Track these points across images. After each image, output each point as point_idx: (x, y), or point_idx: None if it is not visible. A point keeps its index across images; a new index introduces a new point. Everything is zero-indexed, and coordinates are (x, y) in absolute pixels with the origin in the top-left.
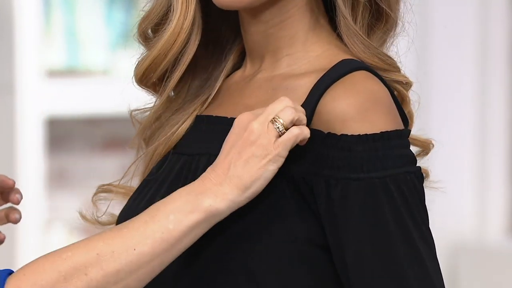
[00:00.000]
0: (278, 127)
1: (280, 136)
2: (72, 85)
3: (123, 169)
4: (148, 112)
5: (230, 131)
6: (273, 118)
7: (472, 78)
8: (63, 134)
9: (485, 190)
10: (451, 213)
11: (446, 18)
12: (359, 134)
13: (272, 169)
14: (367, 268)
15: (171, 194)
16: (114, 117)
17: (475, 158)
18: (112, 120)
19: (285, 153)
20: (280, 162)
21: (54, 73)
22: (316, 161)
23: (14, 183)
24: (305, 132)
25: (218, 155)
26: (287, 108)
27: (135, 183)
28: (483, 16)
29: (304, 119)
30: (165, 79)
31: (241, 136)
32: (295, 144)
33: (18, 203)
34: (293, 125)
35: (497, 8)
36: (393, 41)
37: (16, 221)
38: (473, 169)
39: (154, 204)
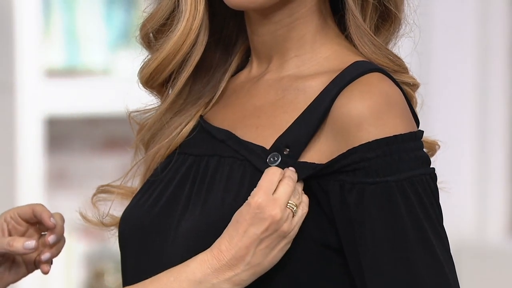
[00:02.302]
0: (293, 209)
1: (293, 214)
2: (72, 84)
3: (124, 169)
4: (147, 114)
5: (246, 208)
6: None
7: (472, 79)
8: (63, 134)
9: (485, 190)
10: (452, 213)
11: (446, 20)
12: (367, 142)
13: (287, 248)
14: (384, 271)
15: (184, 265)
16: (114, 116)
17: (475, 159)
18: (112, 120)
19: (298, 230)
20: (293, 238)
21: (53, 73)
22: (330, 166)
23: (55, 225)
24: (307, 201)
25: (227, 157)
26: (295, 192)
27: (135, 183)
28: (484, 17)
29: (301, 188)
30: (171, 80)
31: (263, 222)
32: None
33: (48, 243)
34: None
35: (498, 9)
36: (396, 42)
37: (46, 273)
38: (474, 169)
39: (167, 274)
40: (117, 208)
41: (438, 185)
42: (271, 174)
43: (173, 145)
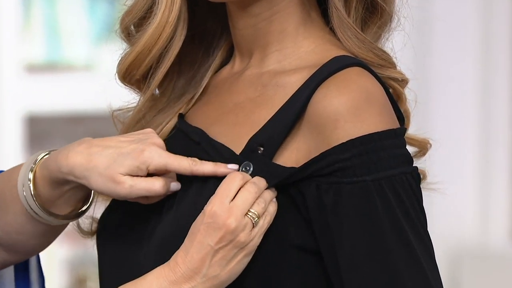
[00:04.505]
0: (253, 219)
1: (253, 225)
2: (53, 80)
3: None
4: (131, 113)
5: (201, 218)
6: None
7: (473, 74)
8: (43, 132)
9: (487, 191)
10: (452, 216)
11: (445, 11)
12: (341, 143)
13: (247, 260)
14: (362, 273)
15: (141, 279)
16: (97, 114)
17: (476, 158)
18: (95, 118)
19: (259, 241)
20: (254, 251)
21: (33, 68)
22: (303, 170)
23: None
24: (273, 212)
25: (204, 159)
26: (258, 200)
27: None
28: (484, 8)
29: (270, 196)
30: (149, 76)
31: (217, 232)
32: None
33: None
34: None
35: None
36: (388, 37)
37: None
38: (475, 169)
39: None
40: (98, 212)
41: (433, 186)
42: (230, 180)
43: None
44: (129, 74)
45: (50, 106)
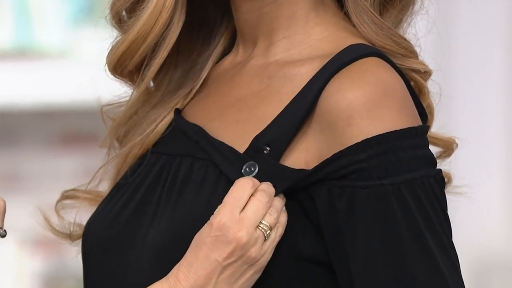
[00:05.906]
0: (265, 232)
1: (265, 238)
2: (24, 69)
3: (85, 169)
4: (123, 107)
5: (207, 230)
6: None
7: (504, 65)
8: (13, 128)
9: None
10: (478, 223)
11: None
12: (356, 143)
13: (257, 277)
14: (376, 283)
15: None
16: (75, 108)
17: (507, 159)
18: (72, 112)
19: (270, 256)
20: (264, 267)
21: (1, 55)
22: (318, 171)
23: None
24: (285, 222)
25: (201, 159)
26: (270, 210)
27: (104, 187)
28: None
29: (280, 205)
30: (143, 67)
31: (226, 246)
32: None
33: None
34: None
35: None
36: (410, 22)
37: None
38: (505, 171)
39: None
40: (84, 217)
41: (459, 190)
42: (240, 188)
43: (147, 143)
44: (121, 65)
45: (21, 98)
